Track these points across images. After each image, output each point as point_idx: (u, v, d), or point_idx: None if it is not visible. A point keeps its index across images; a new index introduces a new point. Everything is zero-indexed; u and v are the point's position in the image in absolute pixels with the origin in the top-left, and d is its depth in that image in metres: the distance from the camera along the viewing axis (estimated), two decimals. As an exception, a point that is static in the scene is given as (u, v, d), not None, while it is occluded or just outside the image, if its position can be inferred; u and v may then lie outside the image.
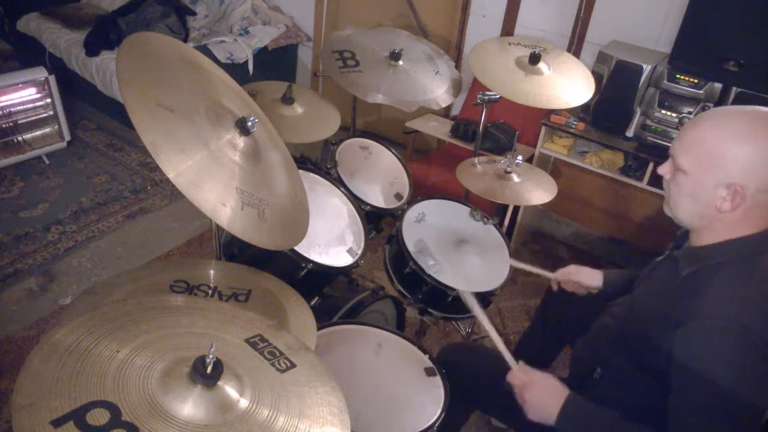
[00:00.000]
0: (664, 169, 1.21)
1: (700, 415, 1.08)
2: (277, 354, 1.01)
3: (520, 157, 1.99)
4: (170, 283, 1.40)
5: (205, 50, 3.39)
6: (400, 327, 1.99)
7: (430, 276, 1.77)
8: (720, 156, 1.08)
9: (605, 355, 1.33)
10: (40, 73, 3.09)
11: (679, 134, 1.17)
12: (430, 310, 1.88)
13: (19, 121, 3.14)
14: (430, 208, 2.02)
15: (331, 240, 1.80)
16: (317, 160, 2.07)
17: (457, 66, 3.26)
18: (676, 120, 2.47)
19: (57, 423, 0.74)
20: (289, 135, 2.00)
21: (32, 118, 3.19)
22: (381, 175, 2.18)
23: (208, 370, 0.85)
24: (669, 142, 2.49)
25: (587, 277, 1.65)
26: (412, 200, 2.04)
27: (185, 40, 3.60)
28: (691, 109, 2.44)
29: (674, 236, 1.33)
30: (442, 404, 1.40)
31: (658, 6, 2.72)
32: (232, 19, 3.78)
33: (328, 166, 1.99)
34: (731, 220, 1.12)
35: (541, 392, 1.27)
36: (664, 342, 1.12)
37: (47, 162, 3.29)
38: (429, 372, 1.49)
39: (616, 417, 1.19)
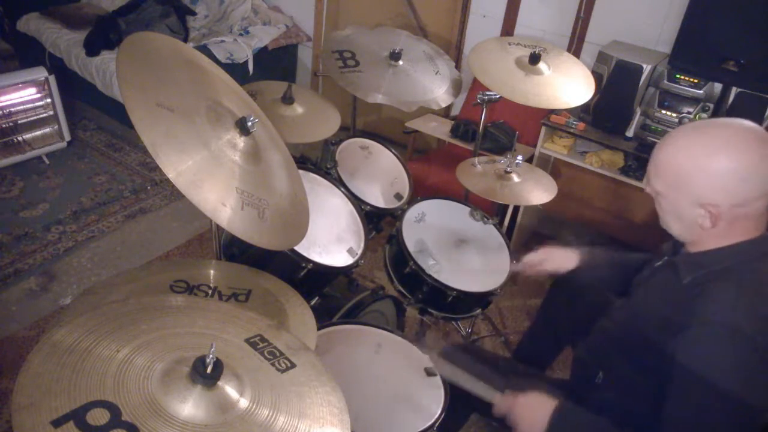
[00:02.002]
0: (648, 189, 1.21)
1: (699, 421, 1.07)
2: (277, 354, 1.01)
3: (520, 157, 2.00)
4: (170, 283, 1.40)
5: (205, 50, 3.39)
6: (400, 327, 1.99)
7: (430, 276, 1.77)
8: (687, 177, 1.09)
9: (607, 359, 1.33)
10: (40, 73, 3.09)
11: (652, 156, 1.17)
12: (430, 310, 1.88)
13: (19, 121, 3.15)
14: (430, 208, 2.02)
15: (331, 240, 1.80)
16: (317, 160, 2.07)
17: (457, 66, 3.26)
18: (676, 120, 2.47)
19: (57, 423, 0.74)
20: (289, 135, 2.00)
21: (32, 118, 3.19)
22: (381, 175, 2.18)
23: (208, 370, 0.85)
24: (669, 142, 2.49)
25: (559, 263, 1.63)
26: (412, 200, 2.04)
27: (185, 40, 3.60)
28: (691, 109, 2.44)
29: (671, 238, 1.33)
30: (442, 404, 1.40)
31: (658, 6, 2.72)
32: (232, 19, 3.78)
33: (328, 166, 1.99)
34: (720, 232, 1.12)
35: (526, 410, 1.25)
36: (665, 347, 1.11)
37: (47, 162, 3.30)
38: (429, 372, 1.49)
39: (608, 424, 1.18)
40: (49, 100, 3.18)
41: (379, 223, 2.11)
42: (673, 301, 1.18)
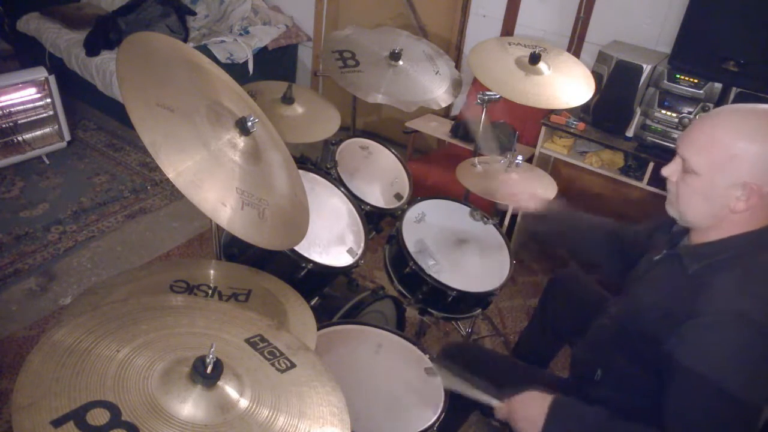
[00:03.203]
0: (669, 171, 1.19)
1: (704, 410, 1.07)
2: (277, 354, 1.01)
3: (520, 157, 1.99)
4: (170, 283, 1.40)
5: (205, 50, 3.39)
6: (400, 327, 1.99)
7: (430, 276, 1.77)
8: (735, 156, 1.07)
9: (606, 356, 1.33)
10: (40, 73, 3.09)
11: (688, 134, 1.15)
12: (430, 310, 1.88)
13: (19, 121, 3.14)
14: (430, 208, 2.02)
15: (331, 240, 1.80)
16: (317, 160, 2.07)
17: (457, 66, 3.26)
18: (676, 120, 2.47)
19: (57, 423, 0.74)
20: (289, 135, 2.00)
21: (32, 118, 3.19)
22: (381, 175, 2.18)
23: (208, 370, 0.85)
24: (669, 142, 2.49)
25: (533, 201, 1.71)
26: (412, 200, 2.04)
27: (185, 40, 3.60)
28: (691, 109, 2.44)
29: (667, 233, 1.32)
30: (442, 404, 1.40)
31: (658, 6, 2.72)
32: (232, 19, 3.78)
33: (328, 166, 1.99)
34: (740, 218, 1.12)
35: (523, 409, 1.25)
36: (668, 339, 1.11)
37: (47, 162, 3.30)
38: (429, 372, 1.49)
39: (606, 416, 1.18)
40: (49, 100, 3.18)
41: (379, 223, 2.11)
42: (676, 292, 1.17)
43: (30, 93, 3.13)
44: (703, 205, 1.14)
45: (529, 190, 1.68)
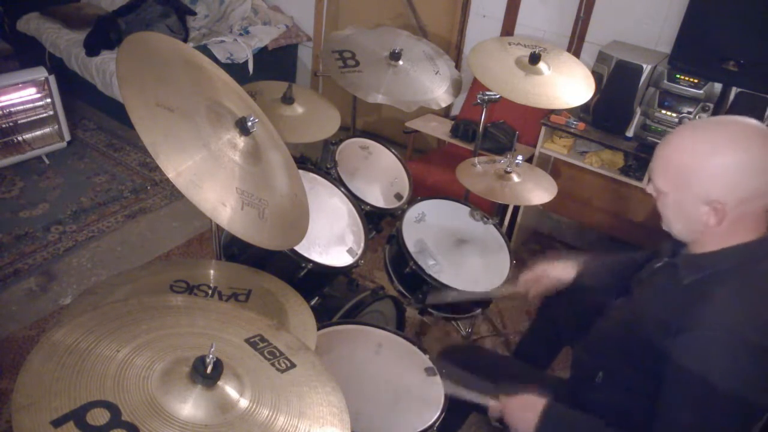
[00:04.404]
0: (649, 189, 1.21)
1: (698, 423, 1.07)
2: (277, 354, 1.01)
3: (520, 157, 2.00)
4: (170, 283, 1.40)
5: (205, 50, 3.39)
6: (400, 327, 1.99)
7: (430, 276, 1.77)
8: (692, 174, 1.08)
9: (607, 359, 1.32)
10: (40, 73, 3.09)
11: (654, 155, 1.17)
12: (430, 310, 1.88)
13: (19, 121, 3.14)
14: (430, 208, 2.02)
15: (331, 240, 1.80)
16: (317, 160, 2.07)
17: (457, 66, 3.26)
18: (676, 120, 2.47)
19: (57, 423, 0.74)
20: (289, 135, 2.00)
21: (32, 118, 3.19)
22: (381, 175, 2.18)
23: (208, 370, 0.85)
24: (669, 142, 2.49)
25: (557, 276, 1.60)
26: (412, 200, 2.04)
27: (185, 40, 3.60)
28: (691, 109, 2.44)
29: (671, 237, 1.32)
30: (442, 404, 1.40)
31: (658, 6, 2.72)
32: (232, 19, 3.78)
33: (328, 166, 1.99)
34: (722, 232, 1.12)
35: (516, 411, 1.27)
36: (664, 348, 1.11)
37: (47, 162, 3.29)
38: (429, 372, 1.49)
39: (599, 423, 1.18)
40: (49, 100, 3.18)
41: (379, 223, 2.11)
42: (672, 303, 1.17)
43: (30, 93, 3.13)
44: (681, 221, 1.16)
45: (546, 271, 1.60)
